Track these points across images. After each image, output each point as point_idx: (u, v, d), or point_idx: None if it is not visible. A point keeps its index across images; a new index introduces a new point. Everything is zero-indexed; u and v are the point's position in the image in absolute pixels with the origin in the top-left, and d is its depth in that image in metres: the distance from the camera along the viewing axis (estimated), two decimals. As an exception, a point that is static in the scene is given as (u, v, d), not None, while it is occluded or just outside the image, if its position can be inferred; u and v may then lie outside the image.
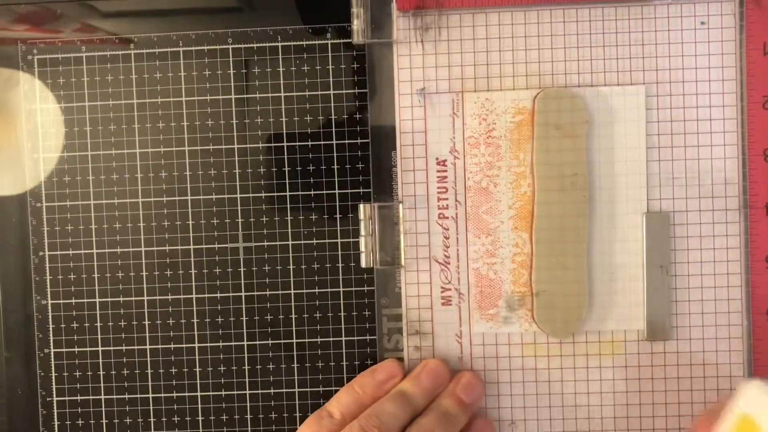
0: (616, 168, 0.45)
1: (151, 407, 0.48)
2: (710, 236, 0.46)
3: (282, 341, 0.47)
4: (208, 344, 0.47)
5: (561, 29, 0.46)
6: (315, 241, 0.47)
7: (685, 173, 0.46)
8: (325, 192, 0.47)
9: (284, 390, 0.47)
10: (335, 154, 0.47)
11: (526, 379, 0.47)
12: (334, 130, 0.47)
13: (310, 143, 0.47)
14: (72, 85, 0.48)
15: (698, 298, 0.46)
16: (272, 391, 0.47)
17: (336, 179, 0.47)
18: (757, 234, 0.45)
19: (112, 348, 0.48)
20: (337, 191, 0.47)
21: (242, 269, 0.47)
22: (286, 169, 0.47)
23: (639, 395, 0.46)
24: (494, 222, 0.46)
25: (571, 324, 0.46)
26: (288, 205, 0.47)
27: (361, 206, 0.46)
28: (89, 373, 0.48)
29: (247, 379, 0.47)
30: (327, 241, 0.47)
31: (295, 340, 0.47)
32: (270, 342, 0.47)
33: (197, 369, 0.47)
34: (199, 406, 0.48)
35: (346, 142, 0.47)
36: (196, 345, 0.47)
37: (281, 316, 0.47)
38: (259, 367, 0.47)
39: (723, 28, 0.45)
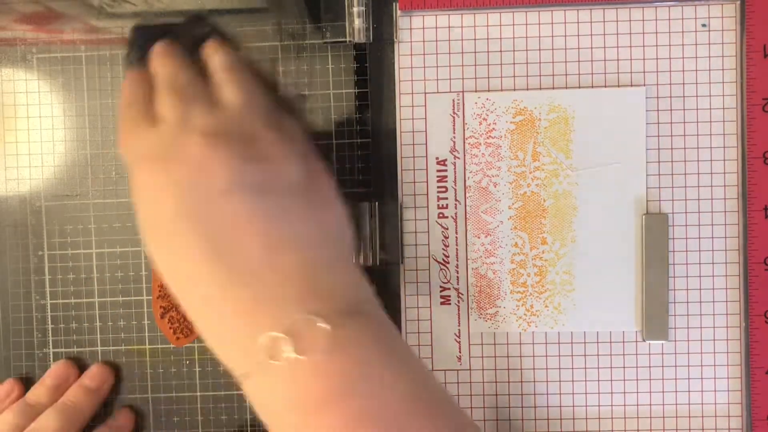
0: (616, 169, 0.46)
1: (151, 407, 0.48)
2: (709, 238, 0.46)
3: (282, 341, 0.47)
4: (208, 344, 0.47)
5: (561, 30, 0.46)
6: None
7: (684, 175, 0.46)
8: (325, 192, 0.47)
9: (284, 390, 0.47)
10: (335, 154, 0.47)
11: (524, 378, 0.47)
12: (333, 130, 0.47)
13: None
14: (72, 85, 0.47)
15: (696, 299, 0.46)
16: (272, 390, 0.47)
17: (336, 179, 0.47)
18: (756, 236, 0.45)
19: (111, 348, 0.48)
20: (336, 191, 0.47)
21: (242, 269, 0.47)
22: (286, 169, 0.47)
23: (637, 395, 0.46)
24: (494, 222, 0.46)
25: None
26: (288, 205, 0.47)
27: (361, 205, 0.46)
28: (89, 372, 0.48)
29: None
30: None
31: (294, 340, 0.47)
32: (270, 342, 0.47)
33: (197, 369, 0.47)
34: (199, 406, 0.48)
35: (346, 141, 0.47)
36: (196, 345, 0.47)
37: (281, 316, 0.47)
38: (258, 366, 0.47)
39: (724, 30, 0.45)
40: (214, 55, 0.38)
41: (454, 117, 0.46)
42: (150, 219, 0.36)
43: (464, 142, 0.46)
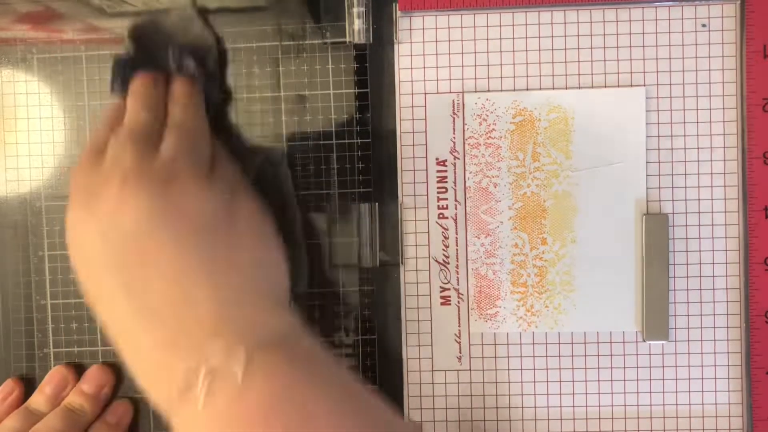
0: (616, 169, 0.46)
1: (151, 407, 0.48)
2: (709, 238, 0.46)
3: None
4: (208, 344, 0.47)
5: (561, 31, 0.46)
6: (315, 241, 0.47)
7: (684, 175, 0.46)
8: (324, 192, 0.47)
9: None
10: (335, 154, 0.47)
11: (524, 379, 0.47)
12: (334, 130, 0.47)
13: (310, 143, 0.47)
14: (72, 85, 0.47)
15: (697, 300, 0.46)
16: (272, 391, 0.47)
17: (336, 179, 0.47)
18: (756, 236, 0.45)
19: (111, 348, 0.47)
20: (336, 191, 0.47)
21: (242, 269, 0.47)
22: (286, 168, 0.47)
23: (637, 396, 0.46)
24: (494, 222, 0.46)
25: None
26: (288, 205, 0.47)
27: (361, 206, 0.46)
28: (89, 372, 0.48)
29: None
30: (327, 240, 0.47)
31: (294, 340, 0.47)
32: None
33: (197, 369, 0.47)
34: (199, 406, 0.47)
35: (346, 141, 0.47)
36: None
37: (281, 316, 0.47)
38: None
39: (723, 30, 0.45)
40: (177, 91, 0.42)
41: (454, 117, 0.46)
42: (75, 250, 0.38)
43: (464, 143, 0.46)
